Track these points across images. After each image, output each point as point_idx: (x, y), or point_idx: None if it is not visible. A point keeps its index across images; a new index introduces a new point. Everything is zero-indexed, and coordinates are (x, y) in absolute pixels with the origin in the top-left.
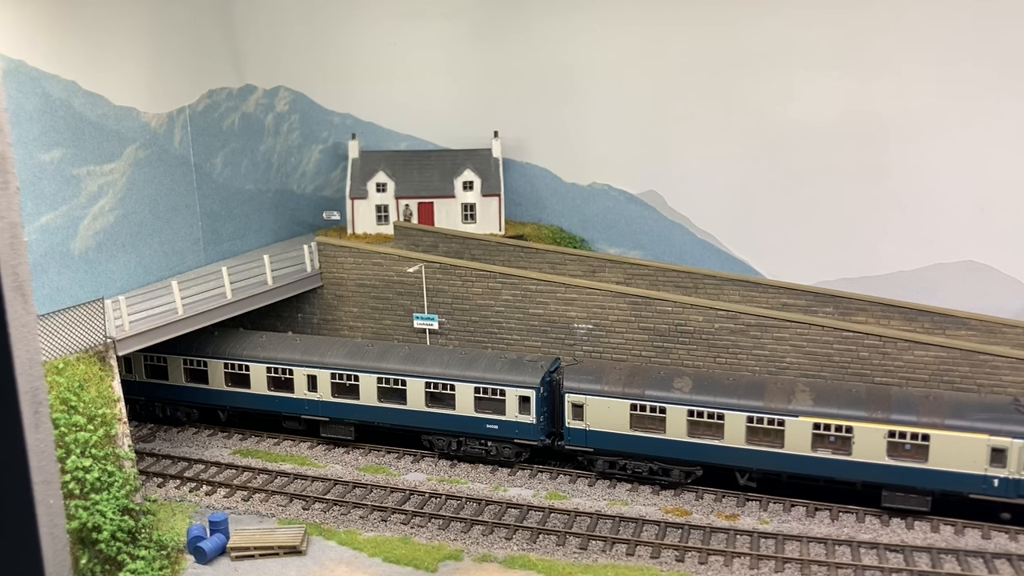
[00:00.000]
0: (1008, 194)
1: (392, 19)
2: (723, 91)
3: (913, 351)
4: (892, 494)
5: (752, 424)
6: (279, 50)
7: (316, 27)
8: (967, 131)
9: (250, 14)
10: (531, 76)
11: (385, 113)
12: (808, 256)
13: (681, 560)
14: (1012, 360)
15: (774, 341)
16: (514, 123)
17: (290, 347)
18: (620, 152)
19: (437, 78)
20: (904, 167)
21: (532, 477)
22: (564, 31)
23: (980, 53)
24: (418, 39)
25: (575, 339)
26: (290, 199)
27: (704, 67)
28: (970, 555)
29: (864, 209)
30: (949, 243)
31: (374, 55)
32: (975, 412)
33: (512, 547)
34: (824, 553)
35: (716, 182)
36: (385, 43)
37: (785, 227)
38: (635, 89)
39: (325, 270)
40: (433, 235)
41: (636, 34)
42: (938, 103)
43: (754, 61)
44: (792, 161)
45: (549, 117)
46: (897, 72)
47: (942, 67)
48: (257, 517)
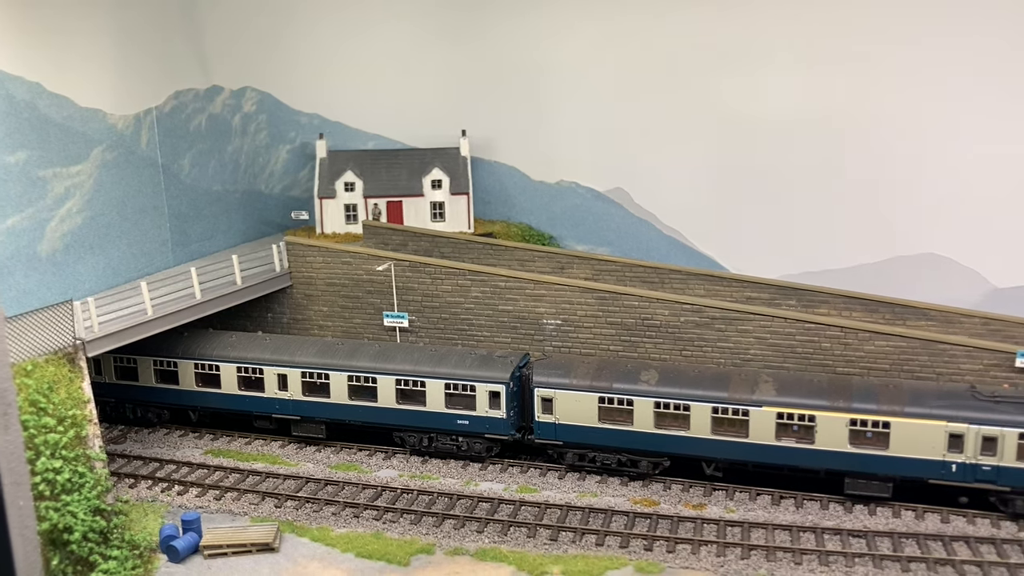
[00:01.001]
0: (966, 187)
1: (358, 19)
2: (688, 88)
3: (874, 341)
4: (855, 481)
5: (717, 415)
6: (245, 51)
7: (282, 27)
8: (927, 126)
9: (216, 15)
10: (498, 75)
11: (353, 112)
12: (772, 250)
13: (649, 549)
14: (969, 349)
15: (738, 334)
16: (482, 122)
17: (260, 347)
18: (587, 150)
19: (404, 77)
20: (865, 162)
21: (503, 471)
22: (531, 30)
23: (939, 50)
24: (385, 38)
25: (544, 335)
26: (258, 199)
27: (670, 64)
28: (930, 539)
29: (827, 203)
30: (910, 236)
31: (341, 55)
32: (933, 400)
33: (483, 540)
34: (789, 540)
35: (682, 179)
36: (352, 42)
37: (749, 222)
38: (601, 87)
39: (294, 269)
40: (402, 234)
41: (602, 32)
42: (898, 99)
43: (718, 58)
44: (756, 157)
45: (516, 116)
46: (858, 68)
47: (901, 63)
48: (229, 516)
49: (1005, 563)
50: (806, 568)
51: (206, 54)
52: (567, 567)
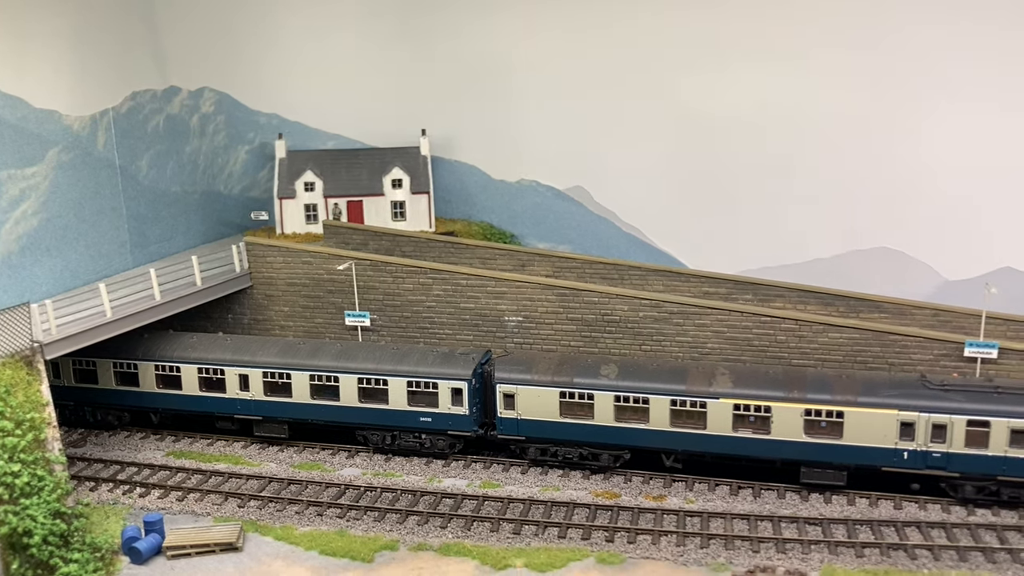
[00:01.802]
0: (919, 182)
1: (317, 18)
2: (647, 88)
3: (828, 333)
4: (810, 470)
5: (676, 407)
6: (203, 51)
7: (240, 28)
8: (879, 124)
9: (172, 16)
10: (458, 74)
11: (312, 112)
12: (730, 246)
13: (611, 540)
14: (921, 340)
15: (696, 328)
16: (442, 121)
17: (221, 347)
18: (547, 149)
19: (364, 77)
20: (821, 159)
21: (466, 467)
22: (490, 29)
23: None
24: (345, 38)
25: (506, 331)
26: (217, 200)
27: (628, 64)
28: (883, 524)
29: (783, 200)
30: (864, 231)
31: (300, 54)
32: (885, 389)
33: (447, 535)
34: (747, 529)
35: (641, 177)
36: (311, 42)
37: (708, 219)
38: (560, 86)
39: (254, 270)
40: (363, 233)
41: (560, 31)
42: (851, 98)
43: (676, 58)
44: (714, 155)
45: (476, 115)
46: (812, 68)
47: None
48: (192, 516)
49: (955, 547)
50: (763, 556)
51: (163, 55)
52: (530, 560)
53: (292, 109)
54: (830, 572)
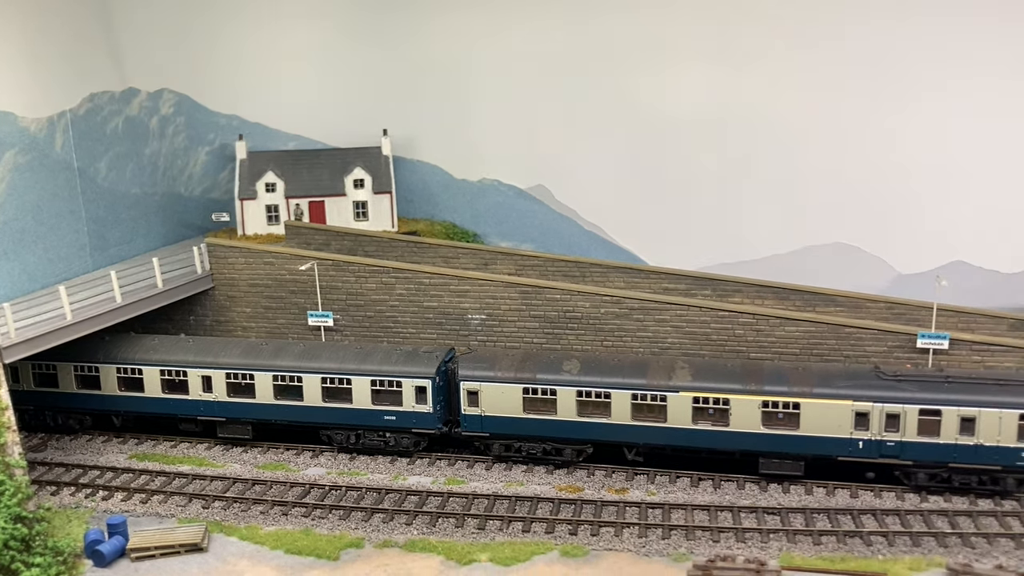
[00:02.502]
0: (872, 178)
1: (276, 19)
2: (606, 88)
3: (784, 327)
4: (768, 461)
5: (637, 401)
6: (161, 52)
7: (198, 28)
8: (833, 119)
9: (131, 17)
10: (418, 74)
11: (272, 113)
12: (689, 243)
13: (574, 533)
14: (875, 332)
15: (656, 323)
16: (403, 121)
17: (183, 349)
18: (508, 148)
19: (324, 77)
20: (777, 156)
21: (431, 465)
22: (450, 29)
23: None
24: (304, 39)
25: (469, 329)
26: (178, 202)
27: (587, 64)
28: (839, 513)
29: (741, 197)
30: (819, 227)
31: (259, 55)
32: (840, 380)
33: (412, 532)
34: (707, 519)
35: (602, 176)
36: (271, 43)
37: (668, 217)
38: (522, 86)
39: (216, 271)
40: (325, 233)
41: (521, 31)
42: (806, 95)
43: (634, 56)
44: (673, 153)
45: (438, 114)
46: (765, 67)
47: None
48: (157, 518)
49: (908, 532)
50: (724, 545)
51: (121, 57)
52: (495, 554)
53: (252, 110)
54: (788, 560)
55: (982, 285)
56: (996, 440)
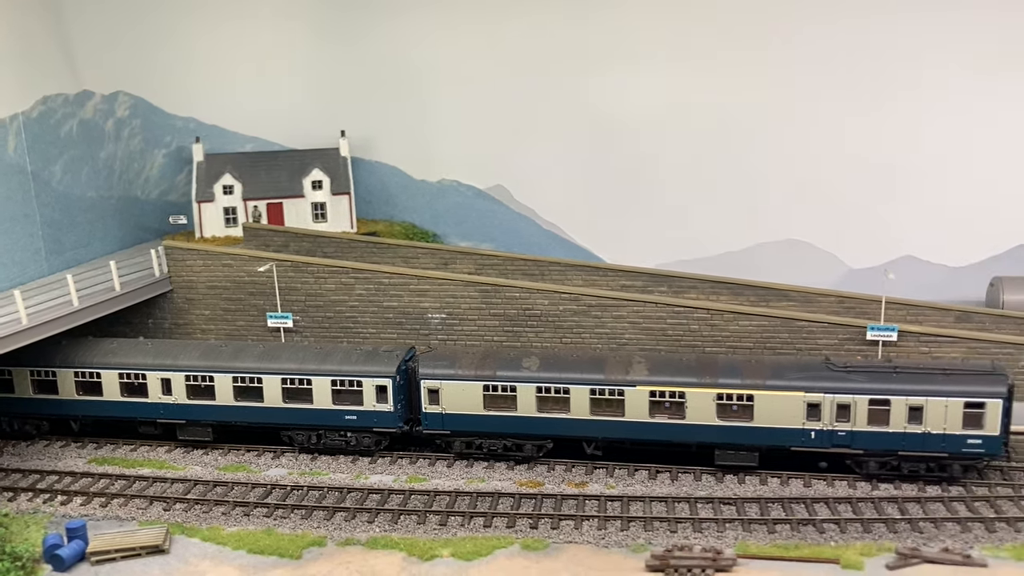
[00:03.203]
0: (823, 175)
1: (232, 20)
2: (562, 88)
3: (738, 321)
4: (724, 452)
5: (595, 396)
6: (116, 55)
7: (153, 31)
8: (784, 119)
9: (83, 19)
10: (376, 75)
11: (229, 115)
12: (646, 241)
13: (535, 527)
14: (826, 325)
15: (614, 319)
16: (361, 122)
17: (142, 352)
18: (467, 148)
19: (281, 79)
20: (730, 155)
21: (392, 464)
22: (407, 30)
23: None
24: (261, 40)
25: (430, 328)
26: (135, 205)
27: (544, 65)
28: (793, 501)
29: (695, 195)
30: (772, 223)
31: (215, 57)
32: (792, 372)
33: (374, 529)
34: (665, 510)
35: (560, 176)
36: (227, 45)
37: (625, 216)
38: (480, 87)
39: (174, 274)
40: (284, 235)
41: (478, 32)
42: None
43: (590, 57)
44: (629, 153)
45: (396, 115)
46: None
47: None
48: (117, 522)
49: (860, 519)
50: (681, 535)
51: (75, 59)
52: (456, 549)
53: (209, 112)
54: (744, 548)
55: (931, 279)
56: (943, 428)
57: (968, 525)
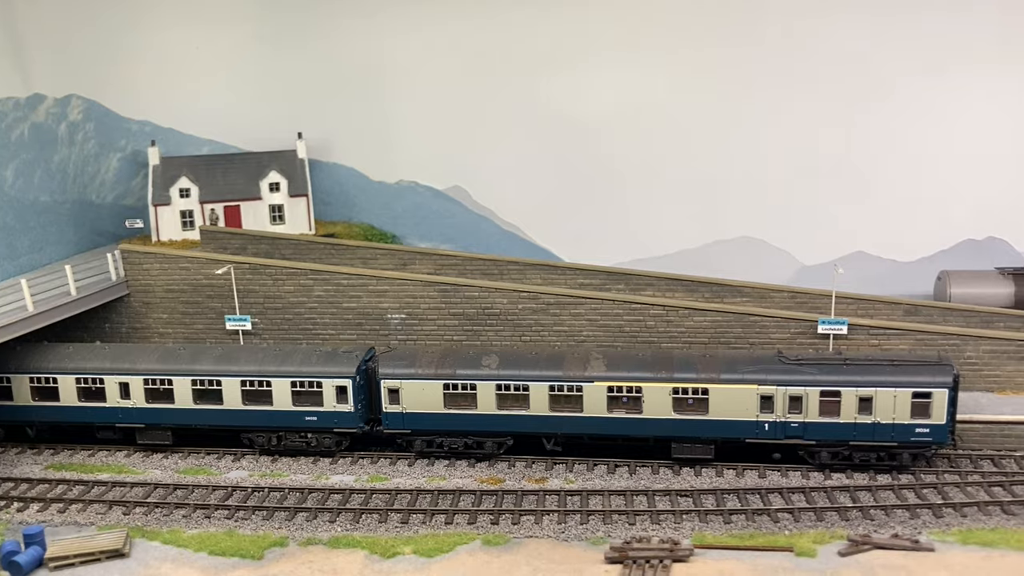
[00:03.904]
0: (776, 174)
1: (186, 22)
2: (518, 88)
3: (693, 317)
4: (680, 445)
5: (554, 392)
6: (68, 58)
7: (105, 33)
8: (738, 118)
9: (34, 21)
10: (333, 76)
11: (185, 118)
12: (604, 241)
13: (496, 523)
14: (778, 319)
15: (572, 317)
16: (319, 124)
17: (99, 356)
18: (425, 149)
19: (237, 81)
20: (686, 154)
21: (353, 463)
22: (363, 31)
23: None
24: (215, 42)
25: (389, 329)
26: (90, 209)
27: (500, 66)
28: (749, 492)
29: (652, 195)
30: (727, 222)
31: (169, 60)
32: (745, 366)
33: (336, 529)
34: (624, 504)
35: (518, 176)
36: (181, 47)
37: (583, 215)
38: (437, 88)
39: (131, 278)
40: (241, 237)
41: (435, 33)
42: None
43: (547, 57)
44: (587, 153)
45: (353, 117)
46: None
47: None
48: (76, 527)
49: (813, 508)
50: (639, 527)
51: (25, 62)
52: (418, 546)
53: (164, 115)
54: (700, 539)
55: (881, 274)
56: (892, 418)
57: (917, 511)
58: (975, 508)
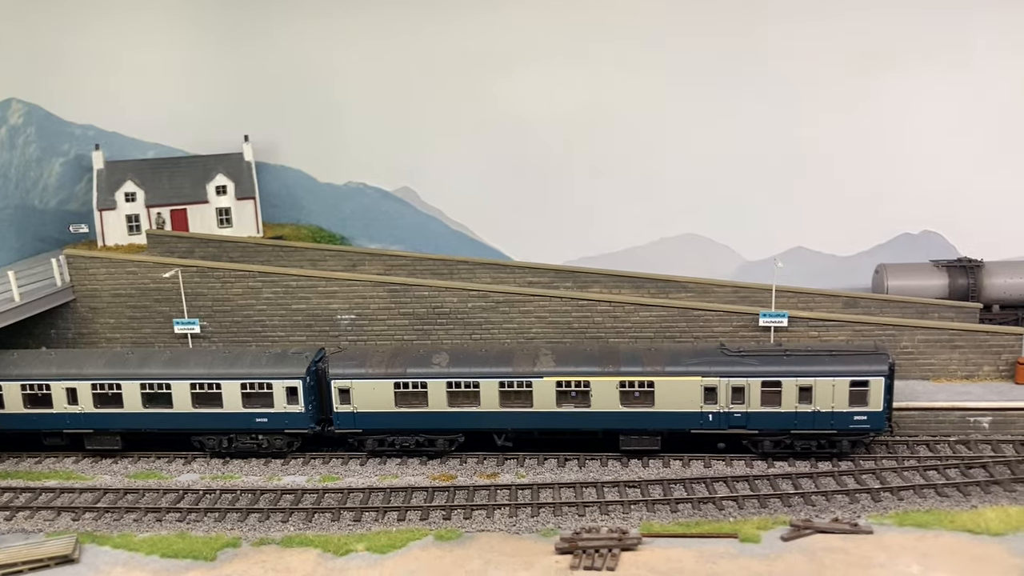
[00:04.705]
0: (719, 173)
1: (128, 25)
2: (462, 90)
3: (639, 313)
4: (628, 438)
5: (504, 389)
6: (7, 61)
7: (45, 36)
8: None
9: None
10: (278, 79)
11: (129, 122)
12: (554, 240)
13: (448, 518)
14: (720, 313)
15: (521, 315)
16: (265, 126)
17: (45, 362)
18: (373, 151)
19: (182, 85)
20: (631, 154)
21: (305, 464)
22: (307, 33)
23: (684, 48)
24: (159, 44)
25: (339, 330)
26: (32, 215)
27: (443, 67)
28: (695, 482)
29: (599, 194)
30: (673, 220)
31: (112, 63)
32: (689, 359)
33: (289, 528)
34: (573, 496)
35: (466, 177)
36: (124, 49)
37: (532, 215)
38: (383, 90)
39: (77, 283)
40: (188, 241)
41: (381, 34)
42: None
43: (493, 58)
44: (534, 153)
45: (300, 119)
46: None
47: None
48: (23, 534)
49: (756, 495)
50: (589, 518)
51: None
52: (371, 543)
53: (108, 119)
54: (648, 527)
55: (821, 268)
56: (831, 407)
57: (856, 496)
58: (911, 491)
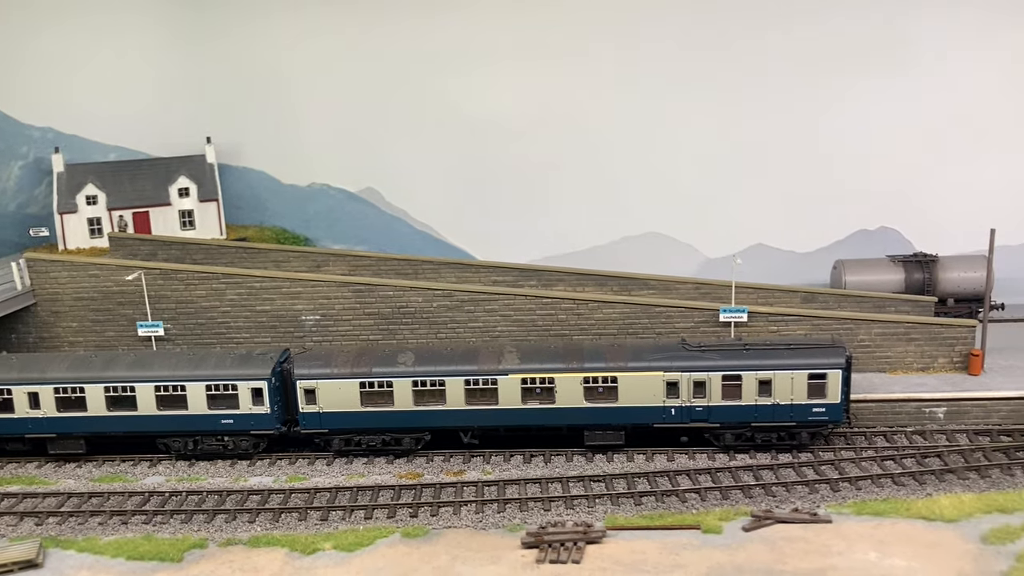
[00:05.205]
0: (679, 172)
1: (86, 27)
2: (424, 90)
3: (602, 310)
4: (592, 433)
5: (470, 386)
6: None
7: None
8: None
9: None
10: (239, 80)
11: (89, 125)
12: (518, 239)
13: (415, 516)
14: (682, 309)
15: (486, 313)
16: (227, 128)
17: (6, 367)
18: (336, 151)
19: (142, 87)
20: (594, 153)
21: (271, 465)
22: (270, 33)
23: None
24: (120, 45)
25: (304, 331)
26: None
27: (404, 68)
28: (658, 475)
29: (562, 193)
30: (635, 218)
31: (72, 64)
32: (651, 354)
33: (256, 528)
34: (539, 491)
35: (430, 177)
36: (84, 50)
37: (496, 214)
38: (345, 90)
39: (38, 287)
40: (151, 243)
41: (343, 35)
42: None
43: (453, 58)
44: (497, 153)
45: (262, 120)
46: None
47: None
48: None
49: (718, 487)
50: (554, 513)
51: None
52: (338, 542)
53: (68, 122)
54: (612, 521)
55: (781, 264)
56: (790, 399)
57: (815, 487)
58: (869, 481)
